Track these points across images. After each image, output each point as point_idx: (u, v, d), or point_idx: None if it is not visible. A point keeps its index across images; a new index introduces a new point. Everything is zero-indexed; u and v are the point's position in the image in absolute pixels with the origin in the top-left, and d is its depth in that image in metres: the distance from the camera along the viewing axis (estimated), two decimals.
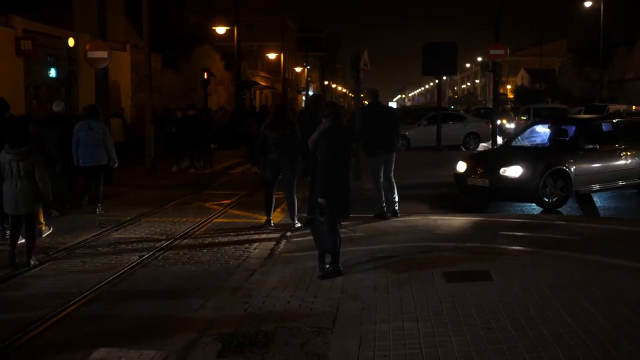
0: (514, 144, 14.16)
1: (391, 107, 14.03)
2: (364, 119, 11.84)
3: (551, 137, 13.87)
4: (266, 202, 10.67)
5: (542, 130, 14.53)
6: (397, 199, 10.94)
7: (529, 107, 31.13)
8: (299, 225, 10.24)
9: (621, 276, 6.91)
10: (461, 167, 12.90)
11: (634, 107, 25.86)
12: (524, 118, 28.53)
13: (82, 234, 10.01)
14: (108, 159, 11.83)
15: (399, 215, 10.84)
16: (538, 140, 14.34)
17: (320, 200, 7.11)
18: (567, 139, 13.41)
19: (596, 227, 9.89)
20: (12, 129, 8.41)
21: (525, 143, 14.15)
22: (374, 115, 11.08)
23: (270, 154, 10.40)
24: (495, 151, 13.61)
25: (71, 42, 15.15)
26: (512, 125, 30.17)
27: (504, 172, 11.93)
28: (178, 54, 34.96)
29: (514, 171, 11.84)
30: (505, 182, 11.88)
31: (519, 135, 14.59)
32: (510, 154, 12.90)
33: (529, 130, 14.80)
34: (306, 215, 8.21)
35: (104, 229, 10.32)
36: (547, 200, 11.81)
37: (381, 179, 10.77)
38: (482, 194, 12.42)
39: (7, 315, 6.30)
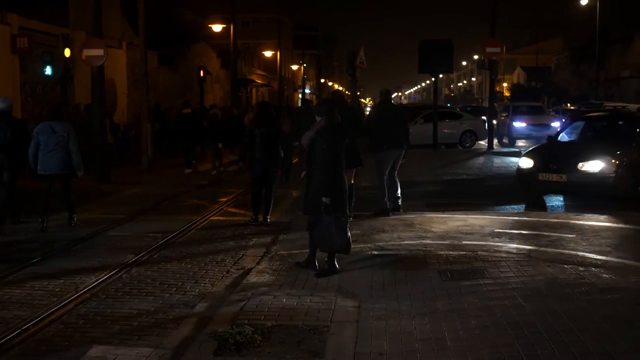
0: (560, 139, 14.38)
1: (400, 107, 14.08)
2: (371, 115, 11.89)
3: (605, 132, 14.20)
4: (253, 200, 10.74)
5: (592, 125, 14.89)
6: (399, 195, 11.02)
7: (508, 104, 32.96)
8: (269, 222, 10.62)
9: (617, 274, 6.92)
10: (527, 163, 13.01)
11: (569, 105, 27.35)
12: (504, 115, 29.54)
13: (78, 232, 10.00)
14: (73, 165, 10.30)
15: (401, 210, 10.90)
16: (583, 136, 14.55)
17: (325, 199, 7.10)
18: (623, 133, 13.66)
19: (594, 225, 9.90)
20: None
21: (575, 138, 14.47)
22: (383, 113, 11.10)
23: (257, 151, 10.54)
24: (557, 146, 13.87)
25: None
26: (494, 122, 30.60)
27: (582, 167, 12.10)
28: (174, 51, 34.92)
29: (594, 166, 12.03)
30: (584, 176, 12.04)
31: (564, 130, 14.95)
32: (580, 149, 13.13)
33: (574, 125, 15.15)
34: (302, 214, 8.12)
35: (100, 228, 10.30)
36: (621, 194, 12.04)
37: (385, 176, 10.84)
38: (558, 189, 12.70)
39: (3, 314, 6.28)
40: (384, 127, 10.82)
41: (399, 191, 11.04)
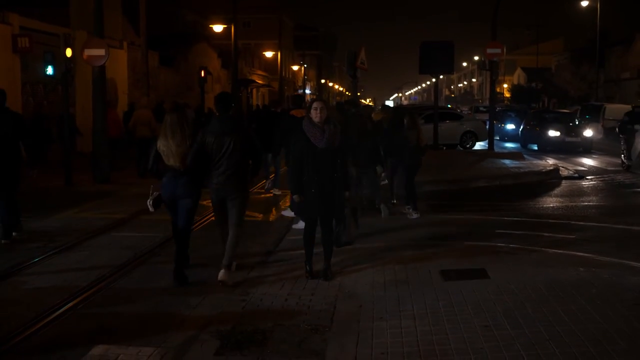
0: None
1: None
2: None
3: None
4: None
5: None
6: None
7: (477, 106, 43.26)
8: None
9: (617, 274, 6.94)
10: None
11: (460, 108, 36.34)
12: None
13: (79, 231, 10.01)
14: None
15: None
16: None
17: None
18: None
19: (593, 226, 9.92)
20: None
21: None
22: None
23: None
24: None
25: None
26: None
27: None
28: (175, 51, 34.93)
29: None
30: None
31: None
32: None
33: None
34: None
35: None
36: None
37: None
38: None
39: (5, 312, 6.30)
40: None
41: None
